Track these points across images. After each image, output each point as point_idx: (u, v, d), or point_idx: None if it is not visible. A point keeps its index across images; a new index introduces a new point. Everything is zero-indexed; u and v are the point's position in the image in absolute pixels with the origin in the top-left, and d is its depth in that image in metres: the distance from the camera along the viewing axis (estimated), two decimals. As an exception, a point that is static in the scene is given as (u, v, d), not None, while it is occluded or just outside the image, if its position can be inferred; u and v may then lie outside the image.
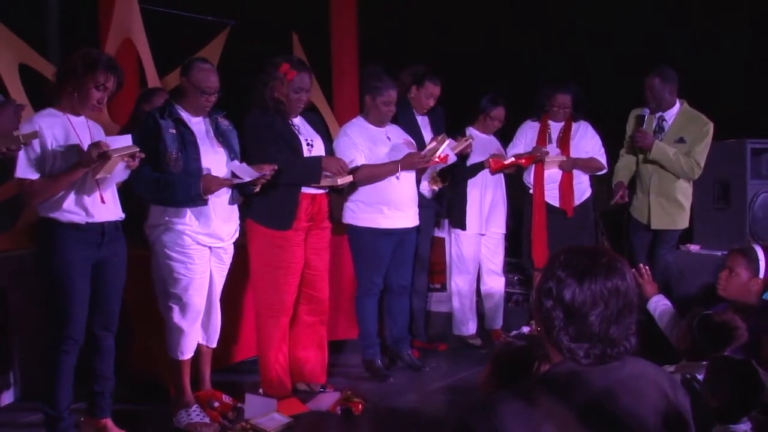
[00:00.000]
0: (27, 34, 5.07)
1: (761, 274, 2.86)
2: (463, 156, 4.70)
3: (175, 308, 3.46)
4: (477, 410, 1.52)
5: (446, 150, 4.25)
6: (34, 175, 2.99)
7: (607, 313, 1.55)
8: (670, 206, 4.64)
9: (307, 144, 3.81)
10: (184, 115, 3.47)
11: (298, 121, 3.87)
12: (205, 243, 3.48)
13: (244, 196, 3.67)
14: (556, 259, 1.62)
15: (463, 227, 4.94)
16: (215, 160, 3.49)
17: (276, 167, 3.53)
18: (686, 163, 4.53)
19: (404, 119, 4.55)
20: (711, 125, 4.58)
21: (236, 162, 3.51)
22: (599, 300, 1.55)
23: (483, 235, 5.00)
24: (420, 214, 4.41)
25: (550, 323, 1.59)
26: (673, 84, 4.59)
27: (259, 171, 3.48)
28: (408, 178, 4.24)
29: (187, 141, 3.41)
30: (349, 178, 3.88)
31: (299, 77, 3.72)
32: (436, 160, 4.23)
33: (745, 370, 2.22)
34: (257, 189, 3.58)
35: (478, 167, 4.86)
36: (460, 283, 5.06)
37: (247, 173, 3.43)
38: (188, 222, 3.42)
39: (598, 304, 1.55)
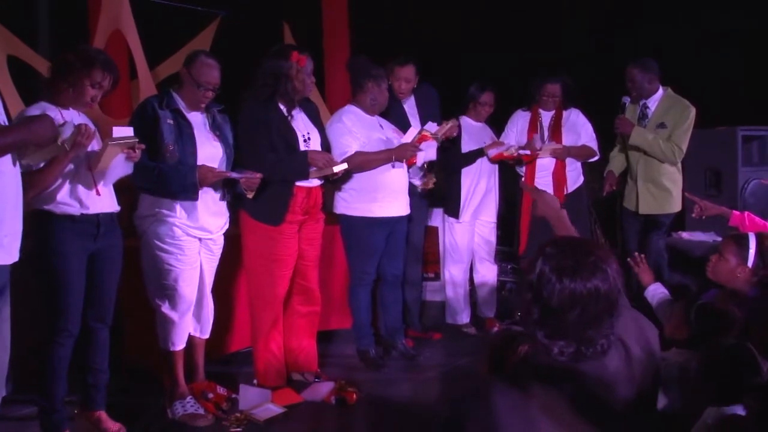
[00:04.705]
0: (16, 26, 5.04)
1: (750, 263, 2.86)
2: (452, 141, 4.69)
3: (166, 299, 3.45)
4: (472, 400, 1.48)
5: (428, 129, 4.26)
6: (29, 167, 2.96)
7: (585, 316, 1.51)
8: (657, 191, 4.65)
9: (304, 139, 3.80)
10: (183, 105, 3.45)
11: (295, 112, 3.84)
12: (194, 234, 3.47)
13: (237, 197, 3.65)
14: (542, 249, 1.58)
15: (456, 216, 4.95)
16: (211, 154, 3.48)
17: (260, 176, 3.52)
18: (666, 147, 4.54)
19: (392, 109, 4.54)
20: (693, 109, 4.57)
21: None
22: (577, 302, 1.50)
23: (466, 221, 5.00)
24: (413, 203, 4.42)
25: (527, 316, 1.56)
26: (653, 73, 4.60)
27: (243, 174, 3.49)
28: (399, 166, 4.24)
29: (185, 133, 3.39)
30: (344, 166, 3.86)
31: (309, 60, 3.76)
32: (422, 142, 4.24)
33: (744, 353, 2.23)
34: (251, 195, 3.59)
35: (476, 154, 4.86)
36: (453, 272, 5.08)
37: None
38: (178, 214, 3.41)
39: (575, 306, 1.50)
